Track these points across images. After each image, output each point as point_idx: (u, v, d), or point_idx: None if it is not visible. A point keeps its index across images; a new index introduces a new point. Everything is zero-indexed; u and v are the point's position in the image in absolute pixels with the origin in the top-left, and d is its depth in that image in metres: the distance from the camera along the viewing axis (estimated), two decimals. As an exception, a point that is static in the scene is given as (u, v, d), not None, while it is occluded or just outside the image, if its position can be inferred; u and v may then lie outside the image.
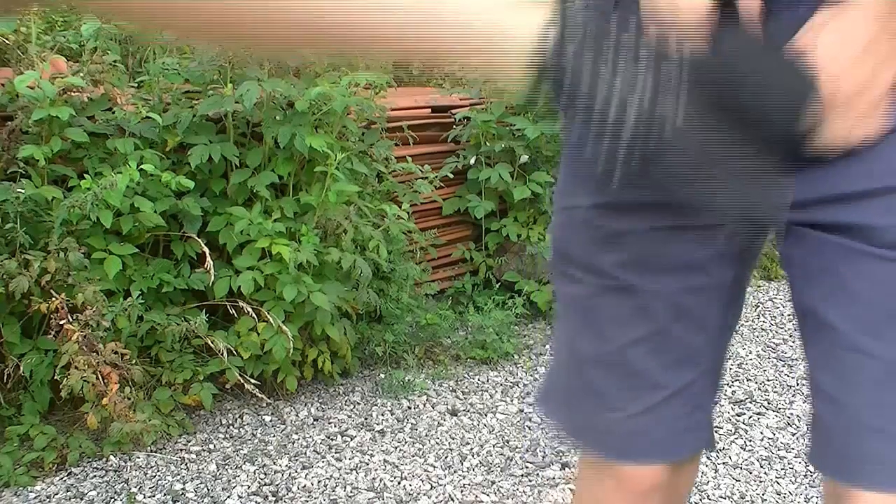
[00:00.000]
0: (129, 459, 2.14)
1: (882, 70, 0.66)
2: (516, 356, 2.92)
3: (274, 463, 2.18)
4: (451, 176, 3.09)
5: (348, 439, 2.32)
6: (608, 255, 0.85)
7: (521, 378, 2.77)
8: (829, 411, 0.78)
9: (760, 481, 2.20)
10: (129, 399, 2.03)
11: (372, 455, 2.24)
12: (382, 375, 2.71)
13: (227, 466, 2.15)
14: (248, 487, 2.06)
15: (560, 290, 0.94)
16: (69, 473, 2.06)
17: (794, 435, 2.45)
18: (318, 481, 2.11)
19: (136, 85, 2.39)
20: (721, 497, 2.12)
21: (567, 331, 0.94)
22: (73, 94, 2.12)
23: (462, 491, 2.09)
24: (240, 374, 2.27)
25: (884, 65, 0.66)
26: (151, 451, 2.18)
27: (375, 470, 2.17)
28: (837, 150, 0.68)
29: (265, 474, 2.13)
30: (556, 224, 0.91)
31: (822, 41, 0.66)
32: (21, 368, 2.02)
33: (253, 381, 2.30)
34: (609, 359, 0.88)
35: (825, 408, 0.78)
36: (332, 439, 2.32)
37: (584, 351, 0.91)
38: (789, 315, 3.36)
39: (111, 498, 1.98)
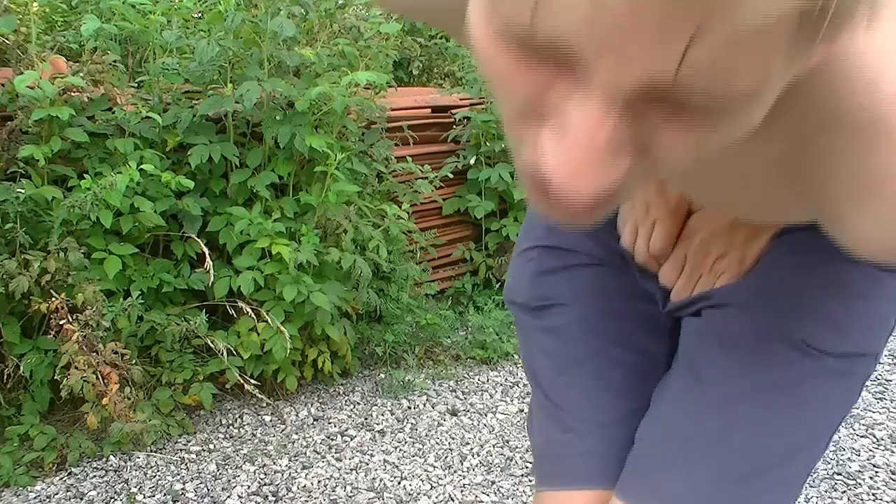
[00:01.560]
0: (129, 459, 2.14)
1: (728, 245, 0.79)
2: (516, 356, 2.92)
3: (274, 463, 2.18)
4: (451, 176, 3.09)
5: (348, 439, 2.32)
6: (545, 285, 0.92)
7: (521, 378, 2.77)
8: (643, 426, 0.84)
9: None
10: (129, 399, 2.03)
11: (372, 455, 2.24)
12: (382, 375, 2.71)
13: (227, 466, 2.15)
14: (248, 487, 2.06)
15: (518, 332, 1.00)
16: (69, 473, 2.06)
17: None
18: (318, 481, 2.11)
19: (136, 85, 2.39)
20: None
21: (527, 366, 0.99)
22: (73, 94, 2.12)
23: (462, 491, 2.09)
24: (240, 375, 2.27)
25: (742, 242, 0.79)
26: (151, 451, 2.18)
27: (375, 470, 2.17)
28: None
29: (265, 474, 2.13)
30: (509, 272, 1.00)
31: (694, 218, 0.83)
32: (21, 368, 2.02)
33: (253, 381, 2.30)
34: (558, 382, 0.92)
35: (643, 423, 0.84)
36: (332, 439, 2.32)
37: (541, 376, 0.95)
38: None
39: (111, 498, 1.98)
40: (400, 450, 2.28)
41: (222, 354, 2.21)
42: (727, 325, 0.78)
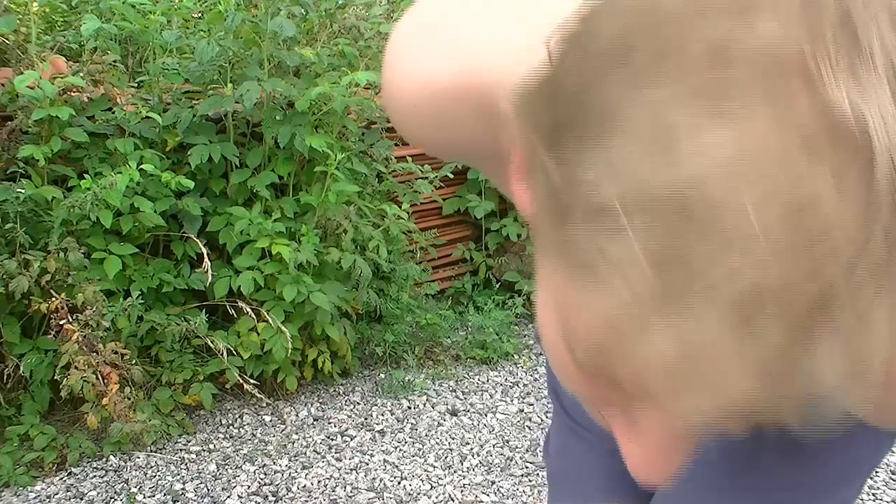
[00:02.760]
0: (129, 459, 2.14)
1: None
2: (516, 356, 2.92)
3: (274, 463, 2.18)
4: (451, 176, 3.09)
5: (348, 439, 2.32)
6: None
7: (521, 378, 2.77)
8: None
9: None
10: (129, 399, 2.03)
11: (372, 455, 2.24)
12: (382, 375, 2.71)
13: (227, 466, 2.15)
14: (248, 487, 2.06)
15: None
16: (69, 473, 2.06)
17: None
18: (318, 481, 2.11)
19: (136, 85, 2.39)
20: None
21: (550, 386, 0.99)
22: (73, 94, 2.12)
23: (462, 491, 2.09)
24: (239, 375, 2.26)
25: None
26: (151, 451, 2.18)
27: (375, 470, 2.17)
28: None
29: (265, 474, 2.13)
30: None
31: None
32: (21, 368, 2.02)
33: (252, 381, 2.30)
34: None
35: None
36: (332, 439, 2.32)
37: (562, 394, 0.94)
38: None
39: (111, 498, 1.98)
40: (400, 450, 2.28)
41: (222, 354, 2.21)
42: None
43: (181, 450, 2.21)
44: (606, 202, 0.29)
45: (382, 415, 2.48)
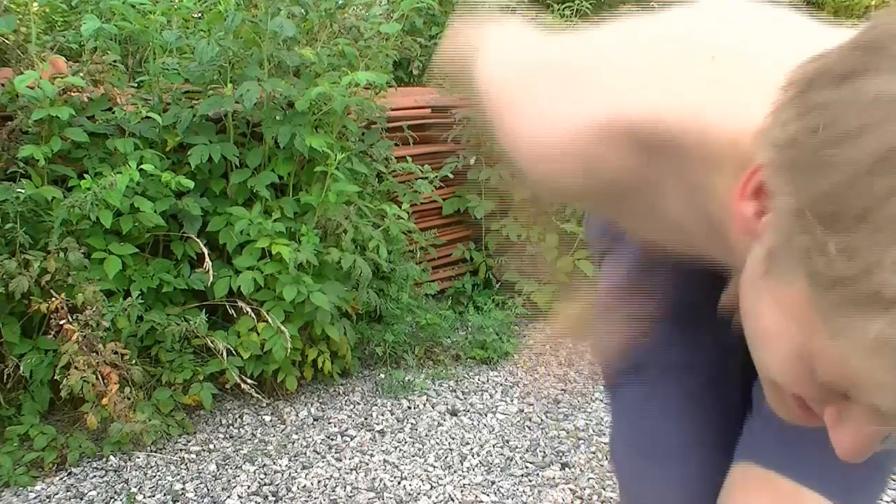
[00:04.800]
0: (129, 459, 2.14)
1: None
2: (516, 356, 2.92)
3: (274, 463, 2.18)
4: (451, 176, 3.09)
5: (348, 439, 2.32)
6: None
7: (521, 378, 2.77)
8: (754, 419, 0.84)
9: None
10: (129, 399, 2.03)
11: (372, 455, 2.24)
12: (382, 375, 2.71)
13: (227, 466, 2.15)
14: (248, 487, 2.06)
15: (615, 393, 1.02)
16: (69, 473, 2.06)
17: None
18: (318, 481, 2.11)
19: (136, 85, 2.39)
20: None
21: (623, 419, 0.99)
22: (73, 94, 2.11)
23: (462, 491, 2.09)
24: (238, 376, 2.26)
25: None
26: (151, 451, 2.18)
27: (375, 470, 2.17)
28: None
29: (265, 474, 2.13)
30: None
31: None
32: (21, 368, 2.02)
33: (252, 381, 2.29)
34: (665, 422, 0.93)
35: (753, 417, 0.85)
36: (332, 439, 2.32)
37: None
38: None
39: (111, 498, 1.98)
40: (400, 450, 2.28)
41: (222, 354, 2.21)
42: None
43: (181, 450, 2.21)
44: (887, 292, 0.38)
45: (382, 415, 2.48)
